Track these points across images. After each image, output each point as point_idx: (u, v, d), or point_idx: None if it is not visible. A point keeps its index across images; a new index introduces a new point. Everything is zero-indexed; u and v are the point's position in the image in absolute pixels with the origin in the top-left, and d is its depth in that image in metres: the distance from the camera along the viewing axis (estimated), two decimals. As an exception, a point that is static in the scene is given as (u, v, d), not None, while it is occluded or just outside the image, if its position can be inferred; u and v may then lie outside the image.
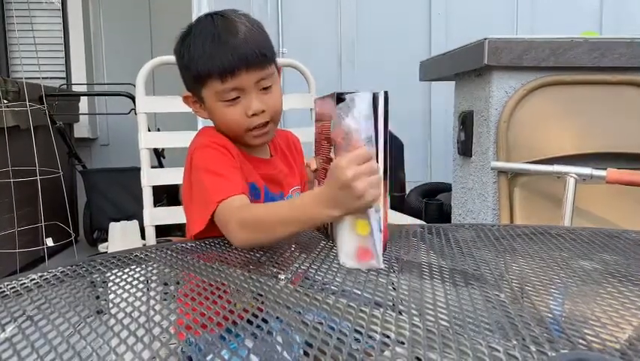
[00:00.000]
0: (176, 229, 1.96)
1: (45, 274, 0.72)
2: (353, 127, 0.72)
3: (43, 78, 2.93)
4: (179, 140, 1.40)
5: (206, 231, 0.91)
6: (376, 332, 0.51)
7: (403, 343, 0.48)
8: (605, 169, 1.44)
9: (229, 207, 0.87)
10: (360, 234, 0.73)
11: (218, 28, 0.95)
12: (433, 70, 2.19)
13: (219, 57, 0.93)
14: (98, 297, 0.68)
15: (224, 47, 0.93)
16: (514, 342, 0.48)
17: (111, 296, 0.65)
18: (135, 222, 1.63)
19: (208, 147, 0.97)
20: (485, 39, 1.64)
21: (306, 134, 1.67)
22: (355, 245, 0.73)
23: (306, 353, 0.46)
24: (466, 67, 1.84)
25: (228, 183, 0.90)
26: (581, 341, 0.49)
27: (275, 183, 1.05)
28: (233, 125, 0.98)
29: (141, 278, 0.73)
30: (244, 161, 0.99)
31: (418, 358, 0.46)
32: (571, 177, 1.48)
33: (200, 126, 1.28)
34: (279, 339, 0.50)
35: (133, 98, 2.77)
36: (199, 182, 0.93)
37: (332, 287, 0.65)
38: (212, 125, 1.04)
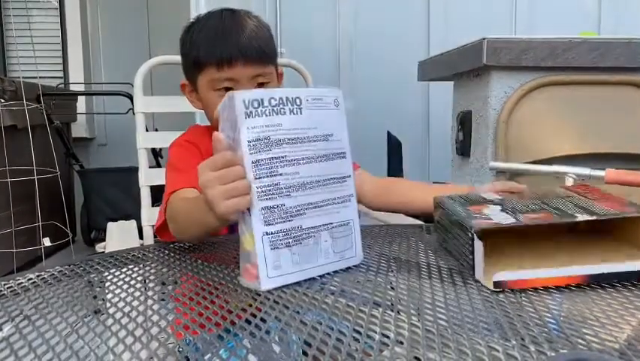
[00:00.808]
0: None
1: (42, 273, 0.72)
2: (224, 131, 0.67)
3: (40, 77, 2.92)
4: (177, 139, 1.40)
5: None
6: (375, 331, 0.51)
7: (402, 343, 0.48)
8: (604, 169, 1.44)
9: (174, 199, 0.89)
10: (243, 250, 0.66)
11: (224, 21, 0.98)
12: (432, 70, 2.19)
13: (220, 46, 0.94)
14: (95, 297, 0.68)
15: (227, 37, 0.95)
16: (513, 342, 0.48)
17: (109, 296, 0.65)
18: (133, 222, 1.63)
19: (179, 145, 1.03)
20: (484, 39, 1.64)
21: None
22: (243, 262, 0.67)
23: (305, 353, 0.46)
24: (465, 67, 1.84)
25: (183, 177, 0.91)
26: (580, 340, 0.49)
27: None
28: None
29: (139, 278, 0.73)
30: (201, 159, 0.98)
31: (417, 358, 0.45)
32: (569, 177, 1.48)
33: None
34: (277, 339, 0.50)
35: (131, 98, 2.77)
36: (165, 179, 0.99)
37: (330, 287, 0.65)
38: (202, 124, 1.05)
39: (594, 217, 0.67)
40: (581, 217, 0.67)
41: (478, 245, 0.63)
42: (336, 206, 0.71)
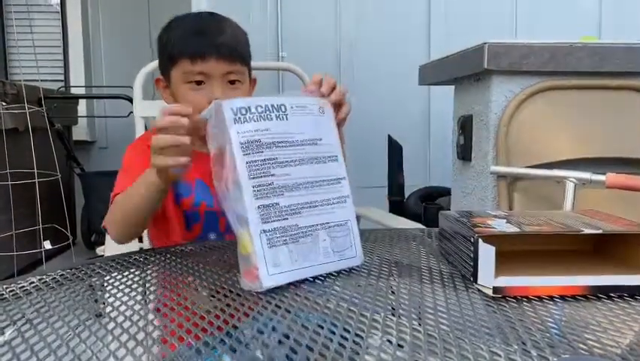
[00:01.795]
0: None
1: (44, 277, 0.72)
2: (212, 139, 0.69)
3: (41, 80, 2.93)
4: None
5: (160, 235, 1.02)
6: (377, 336, 0.51)
7: (402, 346, 0.48)
8: (605, 174, 1.44)
9: (116, 200, 0.94)
10: (242, 253, 0.67)
11: (202, 19, 1.03)
12: (432, 74, 2.19)
13: (195, 40, 0.97)
14: (97, 300, 0.68)
15: (203, 34, 0.98)
16: (515, 347, 0.48)
17: (110, 299, 0.65)
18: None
19: (134, 147, 1.06)
20: (485, 43, 1.64)
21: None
22: (243, 266, 0.67)
23: (307, 358, 0.46)
24: (466, 71, 1.84)
25: (129, 179, 0.93)
26: (582, 345, 0.48)
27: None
28: (194, 109, 0.97)
29: (140, 281, 0.73)
30: None
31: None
32: (570, 181, 1.48)
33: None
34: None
35: (131, 101, 2.77)
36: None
37: (332, 291, 0.65)
38: None
39: (600, 231, 0.66)
40: (587, 231, 0.66)
41: (483, 249, 0.63)
42: (332, 206, 0.72)
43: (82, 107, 3.91)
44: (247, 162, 0.66)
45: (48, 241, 2.59)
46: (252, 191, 0.66)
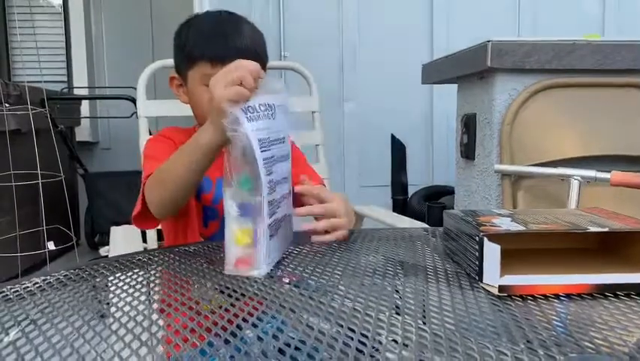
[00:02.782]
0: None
1: (48, 277, 0.72)
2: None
3: (44, 82, 2.93)
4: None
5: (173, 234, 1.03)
6: (382, 335, 0.50)
7: (408, 346, 0.48)
8: (610, 172, 1.44)
9: (151, 182, 0.91)
10: (239, 245, 0.71)
11: (222, 20, 1.01)
12: (435, 73, 2.19)
13: (215, 43, 0.96)
14: (100, 301, 0.68)
15: (223, 36, 0.97)
16: (522, 346, 0.48)
17: (114, 300, 0.65)
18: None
19: (154, 139, 1.07)
20: (488, 41, 1.64)
21: (307, 138, 1.67)
22: (235, 255, 0.71)
23: (312, 357, 0.46)
24: (469, 69, 1.84)
25: (157, 163, 0.92)
26: (588, 344, 0.48)
27: None
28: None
29: (144, 282, 0.73)
30: None
31: (424, 362, 0.45)
32: (575, 179, 1.47)
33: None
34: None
35: (134, 102, 2.77)
36: (143, 170, 1.01)
37: (337, 291, 0.65)
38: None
39: (606, 229, 0.66)
40: (593, 229, 0.66)
41: (489, 248, 0.62)
42: (287, 200, 0.81)
43: (85, 108, 3.92)
44: (264, 159, 0.70)
45: (52, 242, 2.60)
46: (267, 187, 0.71)
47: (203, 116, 0.97)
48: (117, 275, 0.74)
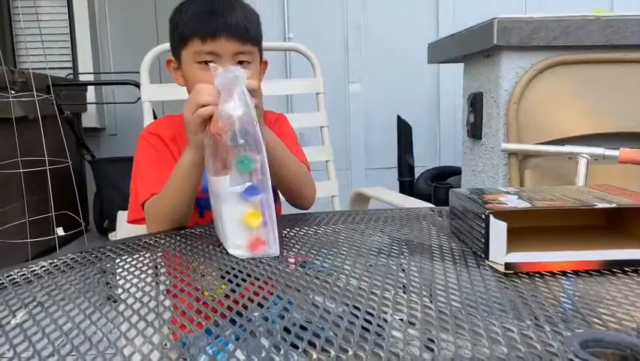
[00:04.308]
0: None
1: (55, 261, 0.72)
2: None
3: (49, 68, 2.93)
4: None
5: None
6: (387, 313, 0.50)
7: (414, 324, 0.48)
8: (618, 149, 1.42)
9: (150, 203, 0.96)
10: (252, 226, 0.72)
11: (214, 0, 1.00)
12: (441, 52, 2.17)
13: (206, 20, 0.96)
14: (107, 283, 0.68)
15: (214, 13, 0.97)
16: (528, 322, 0.47)
17: (121, 282, 0.65)
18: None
19: (144, 138, 1.06)
20: (494, 19, 1.62)
21: (311, 120, 1.66)
22: (249, 238, 0.72)
23: (317, 336, 0.46)
24: (475, 48, 1.82)
25: (150, 183, 0.97)
26: (596, 320, 0.48)
27: None
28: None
29: (150, 264, 0.73)
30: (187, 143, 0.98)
31: (430, 339, 0.45)
32: (582, 157, 1.46)
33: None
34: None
35: (139, 87, 2.77)
36: (133, 176, 1.04)
37: (342, 270, 0.65)
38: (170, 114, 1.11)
39: (613, 205, 0.65)
40: (600, 205, 0.65)
41: (495, 225, 0.62)
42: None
43: (90, 94, 3.92)
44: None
45: (61, 228, 2.62)
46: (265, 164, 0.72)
47: None
48: (124, 258, 0.75)
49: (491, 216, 0.62)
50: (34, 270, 0.69)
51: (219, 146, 0.74)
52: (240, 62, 0.97)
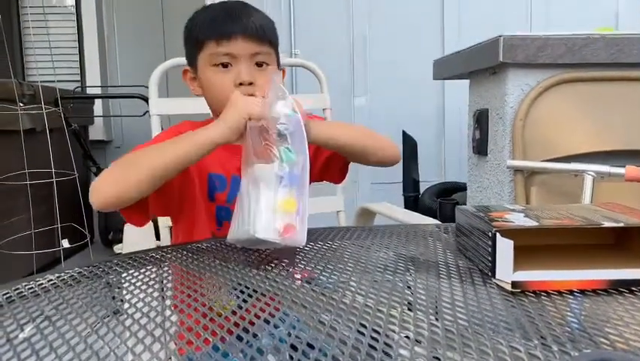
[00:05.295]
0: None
1: (62, 274, 0.73)
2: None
3: (58, 81, 2.96)
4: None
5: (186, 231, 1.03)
6: (394, 331, 0.50)
7: (420, 342, 0.48)
8: (624, 166, 1.42)
9: (128, 154, 0.91)
10: (287, 212, 0.75)
11: (229, 4, 1.00)
12: (447, 68, 2.18)
13: (220, 22, 0.95)
14: (114, 297, 0.68)
15: (229, 16, 0.96)
16: (536, 342, 0.47)
17: (128, 296, 0.65)
18: (150, 223, 1.63)
19: (164, 131, 1.07)
20: (500, 36, 1.63)
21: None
22: (282, 221, 0.74)
23: (324, 354, 0.46)
24: (481, 65, 1.82)
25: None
26: (603, 340, 0.48)
27: None
28: (220, 92, 0.94)
29: (157, 278, 0.73)
30: (218, 150, 0.91)
31: (436, 358, 0.45)
32: (588, 175, 1.46)
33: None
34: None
35: (146, 100, 2.79)
36: None
37: (349, 287, 0.65)
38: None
39: (621, 224, 0.65)
40: (608, 224, 0.65)
41: (501, 243, 0.62)
42: None
43: (98, 107, 3.95)
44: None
45: (66, 240, 2.62)
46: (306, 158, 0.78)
47: (217, 101, 0.96)
48: (130, 272, 0.75)
49: (498, 235, 0.62)
50: (42, 283, 0.69)
51: (265, 138, 0.78)
52: (258, 64, 0.96)
